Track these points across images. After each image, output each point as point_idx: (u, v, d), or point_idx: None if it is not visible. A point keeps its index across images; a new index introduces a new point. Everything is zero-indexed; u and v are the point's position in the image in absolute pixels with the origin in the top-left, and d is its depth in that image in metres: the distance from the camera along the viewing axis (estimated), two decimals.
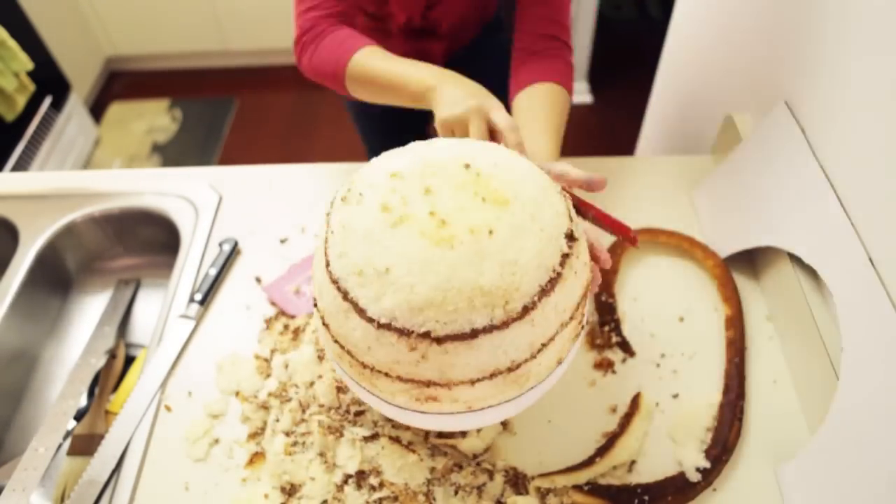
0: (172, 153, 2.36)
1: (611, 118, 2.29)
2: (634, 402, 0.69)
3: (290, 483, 0.65)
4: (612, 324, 0.76)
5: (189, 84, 2.64)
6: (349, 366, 0.52)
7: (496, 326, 0.45)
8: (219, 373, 0.75)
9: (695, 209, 0.89)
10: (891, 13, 0.57)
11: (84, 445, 0.74)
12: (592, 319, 0.77)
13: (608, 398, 0.71)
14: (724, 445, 0.65)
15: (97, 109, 2.52)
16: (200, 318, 0.80)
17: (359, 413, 0.68)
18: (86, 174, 0.99)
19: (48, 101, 2.05)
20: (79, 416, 0.78)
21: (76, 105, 2.24)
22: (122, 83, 2.66)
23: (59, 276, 0.94)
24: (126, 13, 2.44)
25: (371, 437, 0.66)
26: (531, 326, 0.46)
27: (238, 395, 0.72)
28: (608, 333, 0.76)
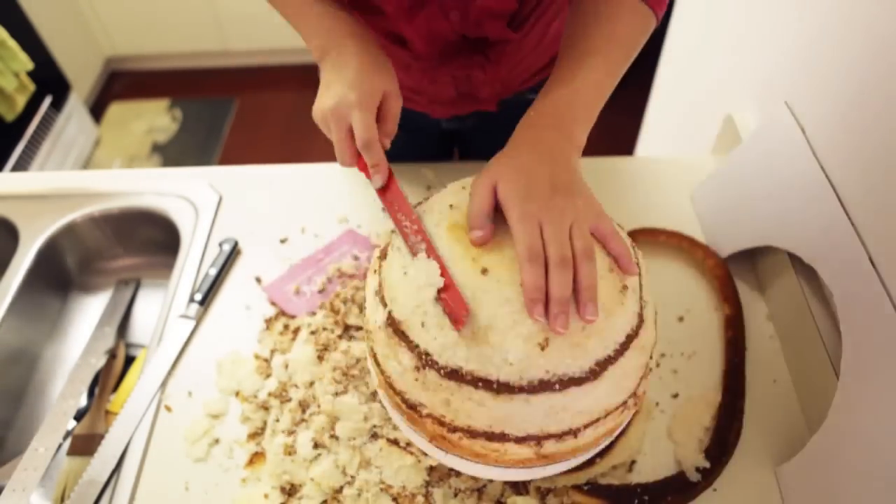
0: (172, 153, 2.36)
1: (611, 118, 2.29)
2: None
3: (290, 483, 0.65)
4: None
5: (189, 84, 2.63)
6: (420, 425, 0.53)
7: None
8: (219, 373, 0.75)
9: (695, 209, 0.89)
10: (891, 12, 0.57)
11: (84, 445, 0.74)
12: None
13: None
14: (724, 445, 0.65)
15: (97, 109, 2.52)
16: (200, 318, 0.80)
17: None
18: (86, 174, 0.99)
19: (48, 101, 2.05)
20: (79, 416, 0.78)
21: (76, 105, 2.24)
22: (122, 83, 2.66)
23: (59, 276, 0.94)
24: (126, 13, 2.44)
25: (369, 439, 0.66)
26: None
27: (238, 395, 0.72)
28: None
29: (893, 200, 0.56)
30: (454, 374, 0.47)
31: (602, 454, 0.65)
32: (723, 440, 0.65)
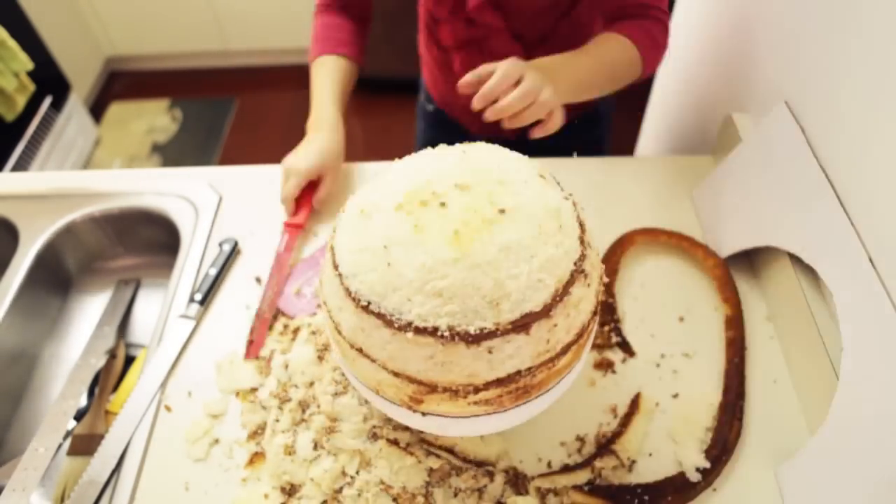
0: (172, 153, 2.36)
1: (611, 118, 2.29)
2: (634, 402, 0.69)
3: (290, 483, 0.65)
4: (612, 324, 0.76)
5: (189, 84, 2.63)
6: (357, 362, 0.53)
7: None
8: (218, 373, 0.75)
9: (695, 209, 0.89)
10: (891, 13, 0.57)
11: (84, 445, 0.74)
12: None
13: (608, 398, 0.71)
14: (724, 445, 0.65)
15: (97, 109, 2.52)
16: (200, 318, 0.80)
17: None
18: (86, 174, 0.99)
19: (48, 101, 2.05)
20: (79, 416, 0.78)
21: (76, 105, 2.24)
22: (122, 83, 2.66)
23: (59, 276, 0.94)
24: (126, 13, 2.44)
25: (369, 439, 0.66)
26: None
27: (238, 395, 0.72)
28: (608, 333, 0.76)
29: (893, 200, 0.56)
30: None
31: (602, 454, 0.65)
32: (723, 440, 0.65)
